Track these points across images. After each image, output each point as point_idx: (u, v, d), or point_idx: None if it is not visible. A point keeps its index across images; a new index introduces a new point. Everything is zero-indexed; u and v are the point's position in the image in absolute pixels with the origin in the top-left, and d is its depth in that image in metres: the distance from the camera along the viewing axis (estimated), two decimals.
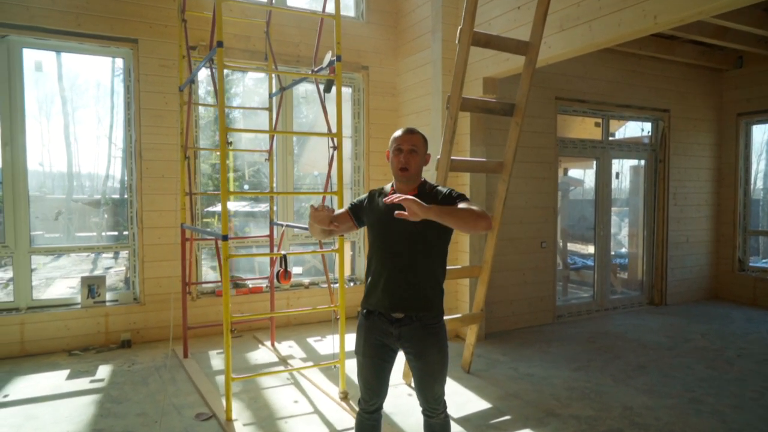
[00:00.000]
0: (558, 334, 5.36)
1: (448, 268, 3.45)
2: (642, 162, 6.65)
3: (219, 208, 3.86)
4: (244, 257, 6.12)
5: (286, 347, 4.85)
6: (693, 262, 6.83)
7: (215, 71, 4.35)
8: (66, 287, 5.71)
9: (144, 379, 4.01)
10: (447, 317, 3.36)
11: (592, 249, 6.29)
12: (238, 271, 5.89)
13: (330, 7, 3.89)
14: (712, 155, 6.95)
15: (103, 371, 4.19)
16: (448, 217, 1.92)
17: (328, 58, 3.86)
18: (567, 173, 7.04)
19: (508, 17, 4.45)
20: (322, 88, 4.29)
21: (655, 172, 6.62)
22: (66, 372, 4.16)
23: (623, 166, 6.84)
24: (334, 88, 3.54)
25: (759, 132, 7.06)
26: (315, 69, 4.12)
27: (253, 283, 5.55)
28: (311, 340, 5.08)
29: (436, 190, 2.22)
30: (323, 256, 4.67)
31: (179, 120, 4.58)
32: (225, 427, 3.18)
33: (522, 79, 3.92)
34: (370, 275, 2.24)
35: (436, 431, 2.26)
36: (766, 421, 3.37)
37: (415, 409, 2.81)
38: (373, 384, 2.26)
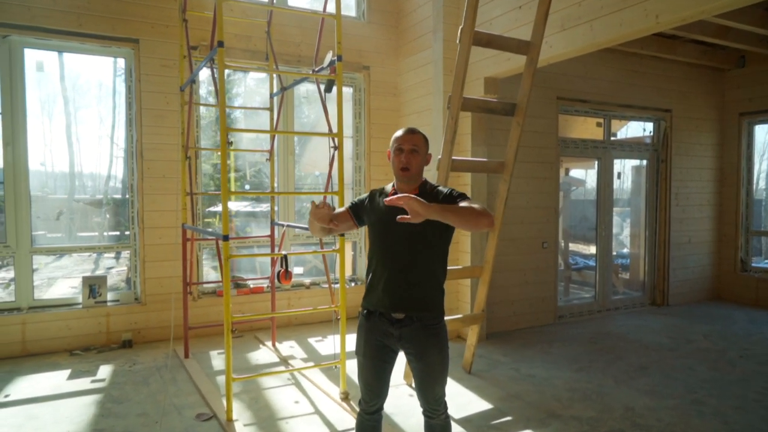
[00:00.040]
0: (559, 334, 5.34)
1: (449, 268, 3.45)
2: (644, 162, 6.63)
3: (220, 208, 3.85)
4: (245, 257, 6.12)
5: (287, 347, 4.85)
6: (695, 262, 6.81)
7: (216, 71, 4.35)
8: (68, 287, 5.71)
9: (145, 379, 4.01)
10: (448, 318, 3.36)
11: (594, 249, 6.27)
12: (239, 271, 5.89)
13: (331, 7, 3.89)
14: (714, 155, 6.92)
15: (104, 371, 4.19)
16: (451, 215, 1.91)
17: (328, 57, 3.86)
18: (568, 173, 7.03)
19: (509, 17, 4.44)
20: (323, 88, 4.29)
21: (657, 172, 6.60)
22: (67, 372, 4.17)
23: (625, 166, 6.83)
24: (335, 88, 3.54)
25: (761, 132, 7.03)
26: (316, 69, 4.11)
27: (254, 283, 5.55)
28: (312, 341, 5.08)
29: (437, 190, 2.22)
30: (324, 257, 4.67)
31: (180, 120, 4.58)
32: (225, 428, 3.18)
33: (523, 78, 3.91)
34: (371, 275, 2.24)
35: None
36: None
37: (416, 409, 2.80)
38: (374, 385, 2.25)
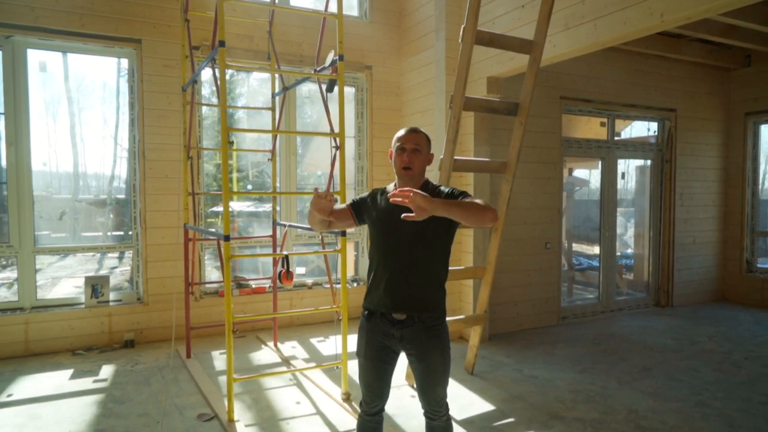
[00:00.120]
0: (563, 335, 5.31)
1: (452, 268, 3.43)
2: (648, 162, 6.59)
3: (222, 208, 3.85)
4: (246, 257, 6.11)
5: (289, 348, 4.84)
6: (700, 263, 6.76)
7: (218, 71, 4.34)
8: (72, 287, 5.72)
9: (146, 380, 4.01)
10: (450, 318, 3.33)
11: (598, 250, 6.24)
12: (241, 272, 5.89)
13: (333, 7, 3.87)
14: (720, 155, 6.88)
15: (106, 371, 4.19)
16: (455, 209, 1.89)
17: (330, 57, 3.84)
18: (572, 173, 7.00)
19: (512, 16, 4.42)
20: (324, 88, 4.27)
21: (662, 172, 6.56)
22: (69, 372, 4.17)
23: (629, 166, 6.78)
24: (337, 88, 3.52)
25: (767, 131, 6.98)
26: (317, 69, 4.10)
27: (256, 284, 5.54)
28: (314, 341, 5.07)
29: (439, 189, 2.20)
30: (326, 257, 4.65)
31: (182, 120, 4.58)
32: (227, 428, 3.17)
33: (526, 78, 3.89)
34: (372, 275, 2.23)
35: None
36: None
37: (417, 411, 2.78)
38: (375, 386, 2.24)
